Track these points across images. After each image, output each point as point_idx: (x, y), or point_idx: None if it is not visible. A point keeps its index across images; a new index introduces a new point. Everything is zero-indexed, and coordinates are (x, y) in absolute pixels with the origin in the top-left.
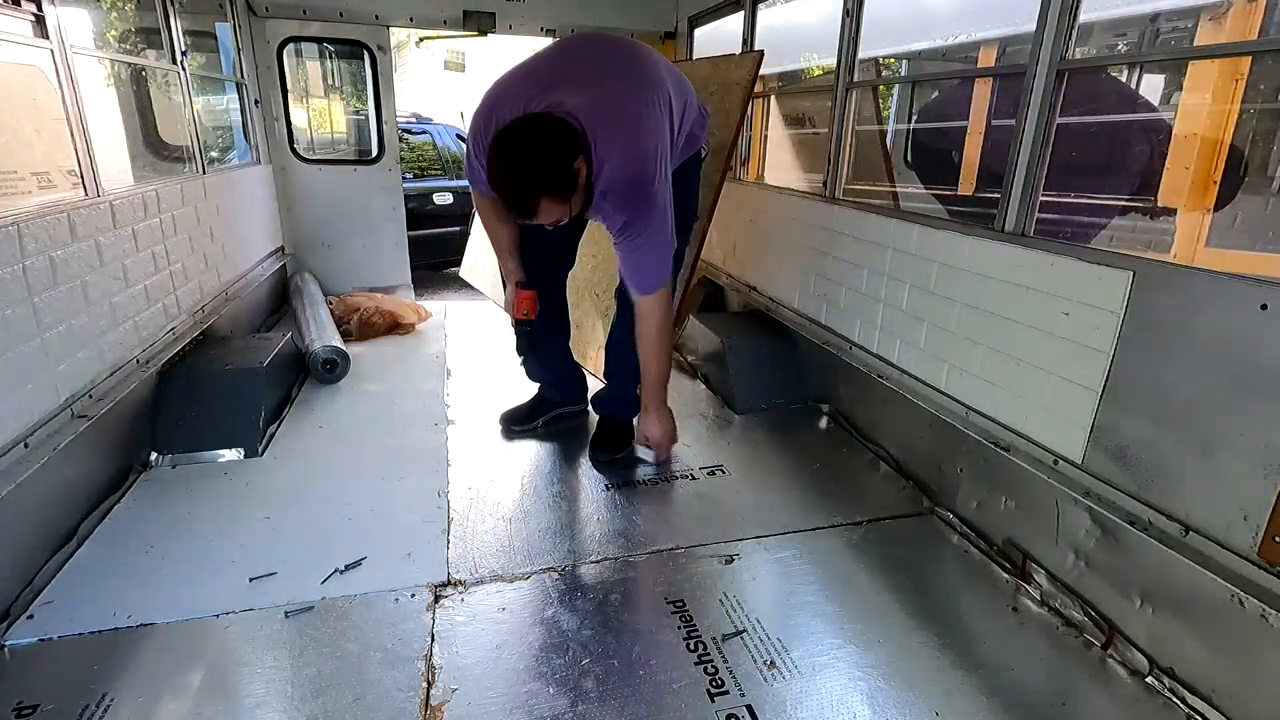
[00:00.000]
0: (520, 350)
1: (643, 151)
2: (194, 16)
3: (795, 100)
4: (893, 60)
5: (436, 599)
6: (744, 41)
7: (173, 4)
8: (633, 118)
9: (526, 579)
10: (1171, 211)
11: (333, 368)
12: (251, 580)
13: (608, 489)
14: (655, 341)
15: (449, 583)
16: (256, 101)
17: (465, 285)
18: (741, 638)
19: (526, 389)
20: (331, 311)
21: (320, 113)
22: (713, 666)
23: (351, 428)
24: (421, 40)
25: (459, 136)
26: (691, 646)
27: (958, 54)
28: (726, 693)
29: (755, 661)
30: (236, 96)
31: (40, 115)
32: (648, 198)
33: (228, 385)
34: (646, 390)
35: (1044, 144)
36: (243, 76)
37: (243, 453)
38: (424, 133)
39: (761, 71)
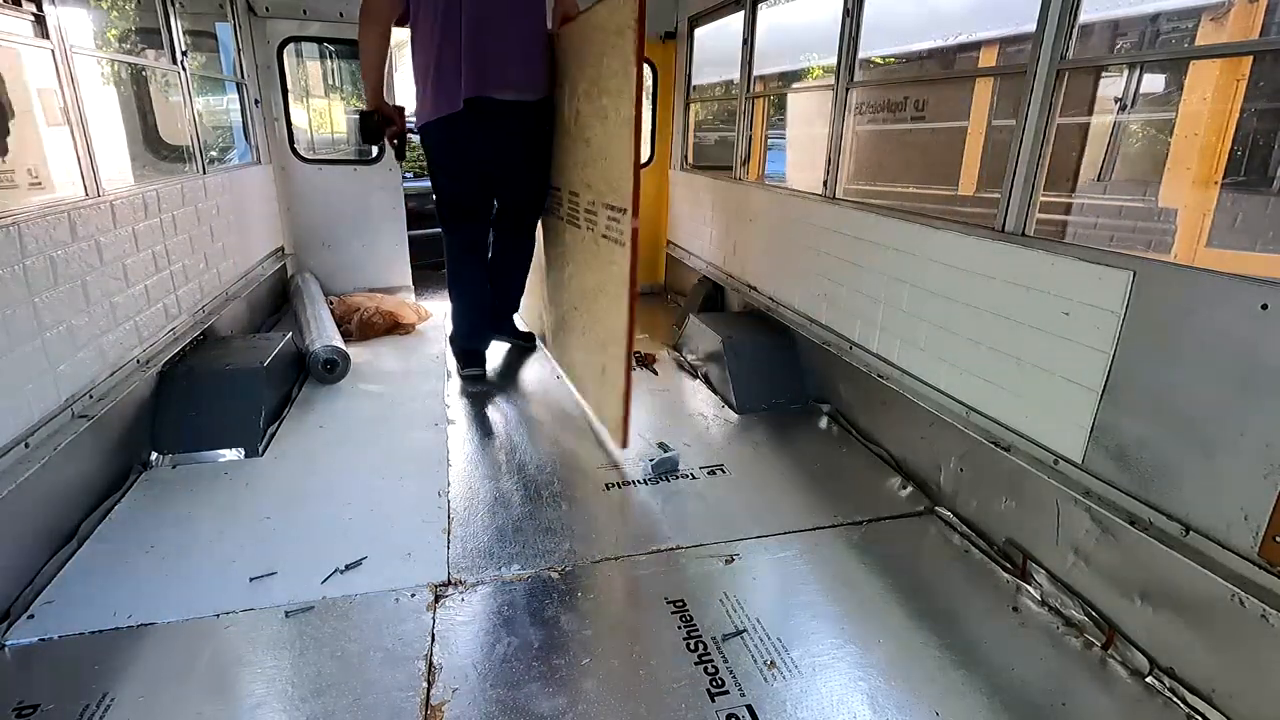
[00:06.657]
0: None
1: None
2: (194, 16)
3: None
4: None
5: (436, 599)
6: (744, 42)
7: (173, 4)
8: None
9: (526, 579)
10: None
11: (333, 368)
12: (251, 580)
13: (608, 489)
14: None
15: (449, 583)
16: (256, 101)
17: None
18: (741, 638)
19: (525, 394)
20: (332, 312)
21: (320, 113)
22: (713, 666)
23: (351, 428)
24: None
25: None
26: (691, 646)
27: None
28: (727, 693)
29: (755, 661)
30: (236, 96)
31: None
32: None
33: (228, 385)
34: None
35: (1044, 144)
36: (243, 76)
37: (243, 453)
38: None
39: (761, 71)
